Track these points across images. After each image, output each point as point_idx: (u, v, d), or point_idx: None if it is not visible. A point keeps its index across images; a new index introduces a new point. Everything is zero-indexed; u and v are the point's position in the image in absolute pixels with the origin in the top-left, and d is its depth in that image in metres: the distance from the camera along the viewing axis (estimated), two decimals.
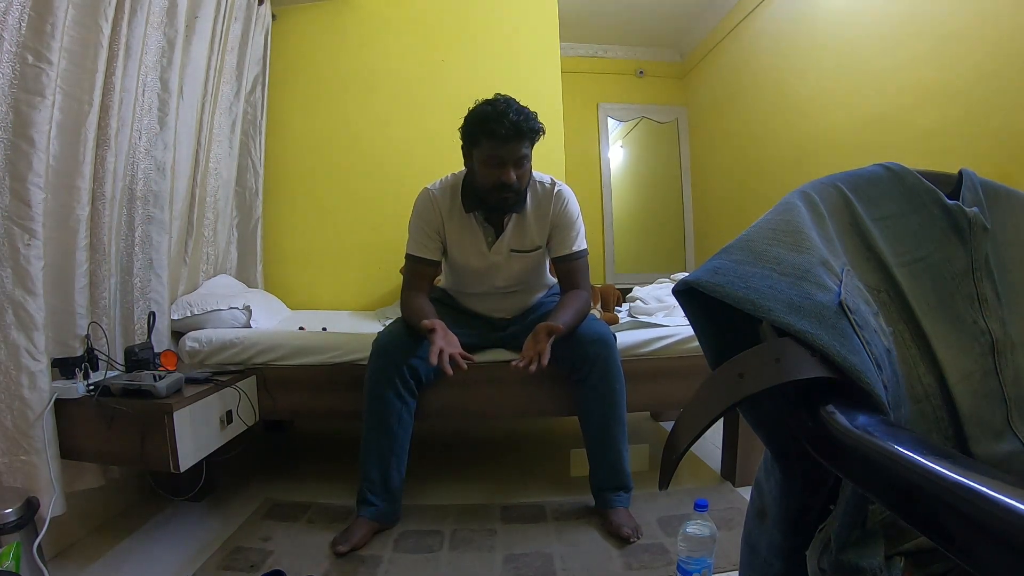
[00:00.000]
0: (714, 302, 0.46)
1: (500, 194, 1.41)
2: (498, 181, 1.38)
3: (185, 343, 1.65)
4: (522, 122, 1.34)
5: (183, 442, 1.24)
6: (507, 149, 1.36)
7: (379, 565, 1.30)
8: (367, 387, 1.43)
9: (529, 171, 1.44)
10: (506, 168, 1.38)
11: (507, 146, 1.36)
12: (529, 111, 1.38)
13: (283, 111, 2.56)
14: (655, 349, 1.65)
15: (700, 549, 1.13)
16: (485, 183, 1.42)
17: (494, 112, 1.35)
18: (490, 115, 1.35)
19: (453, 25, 2.66)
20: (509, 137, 1.34)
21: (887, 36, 2.24)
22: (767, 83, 3.18)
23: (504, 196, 1.42)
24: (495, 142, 1.35)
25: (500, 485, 1.76)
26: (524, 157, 1.40)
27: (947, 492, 0.29)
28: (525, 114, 1.36)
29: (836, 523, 0.45)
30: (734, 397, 0.41)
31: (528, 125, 1.36)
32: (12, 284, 1.17)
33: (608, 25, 3.83)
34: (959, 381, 0.58)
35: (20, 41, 1.18)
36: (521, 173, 1.41)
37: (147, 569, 1.31)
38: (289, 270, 2.60)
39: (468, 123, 1.40)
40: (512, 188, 1.40)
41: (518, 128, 1.34)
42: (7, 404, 1.19)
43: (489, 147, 1.37)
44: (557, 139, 2.67)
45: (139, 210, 1.57)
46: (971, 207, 0.63)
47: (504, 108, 1.35)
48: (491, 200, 1.45)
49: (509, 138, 1.34)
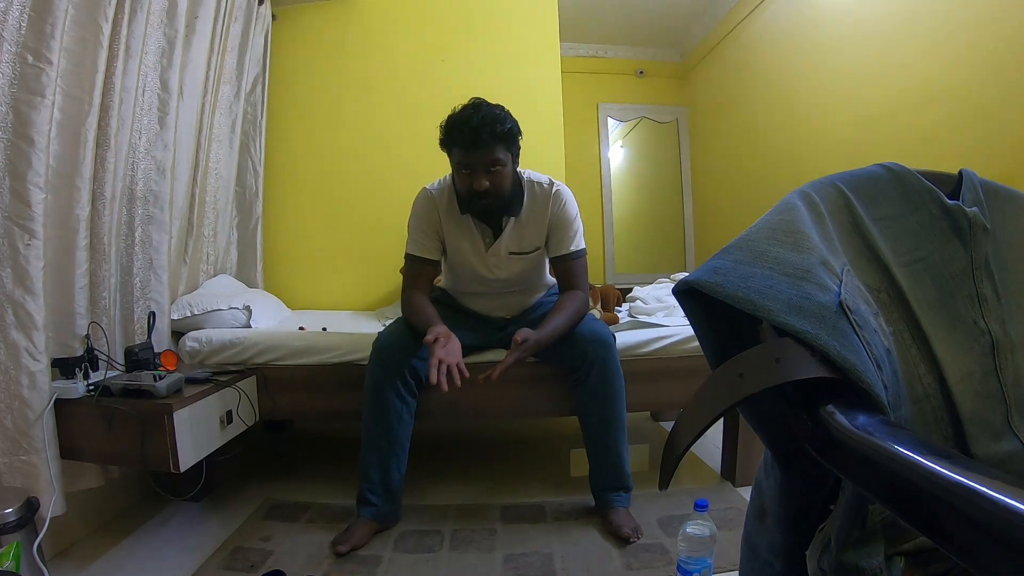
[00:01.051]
0: (714, 302, 0.46)
1: (477, 200, 1.39)
2: (470, 188, 1.36)
3: (185, 343, 1.65)
4: (484, 128, 1.30)
5: (183, 442, 1.24)
6: (474, 156, 1.33)
7: (379, 565, 1.30)
8: (367, 387, 1.43)
9: (508, 175, 1.40)
10: (477, 175, 1.35)
11: (474, 153, 1.33)
12: (500, 114, 1.34)
13: (283, 111, 2.56)
14: (655, 349, 1.65)
15: (700, 549, 1.13)
16: (461, 189, 1.41)
17: (459, 119, 1.33)
18: (455, 122, 1.33)
19: (453, 25, 2.66)
20: (471, 144, 1.31)
21: (887, 36, 2.24)
22: (767, 83, 3.18)
23: (482, 203, 1.39)
24: (460, 149, 1.34)
25: (500, 485, 1.76)
26: (496, 162, 1.35)
27: (947, 492, 0.29)
28: (492, 118, 1.31)
29: (836, 523, 0.45)
30: (734, 397, 0.41)
31: (491, 131, 1.31)
32: (12, 284, 1.17)
33: (608, 25, 3.83)
34: (959, 381, 0.58)
35: (20, 41, 1.18)
36: (496, 179, 1.36)
37: (147, 569, 1.31)
38: (289, 270, 2.60)
39: (440, 129, 1.38)
40: (488, 194, 1.36)
41: (477, 135, 1.30)
42: (7, 404, 1.19)
43: (458, 154, 1.36)
44: (557, 139, 2.67)
45: (139, 210, 1.57)
46: (971, 207, 0.63)
47: (469, 114, 1.32)
48: (472, 206, 1.43)
49: (471, 145, 1.32)
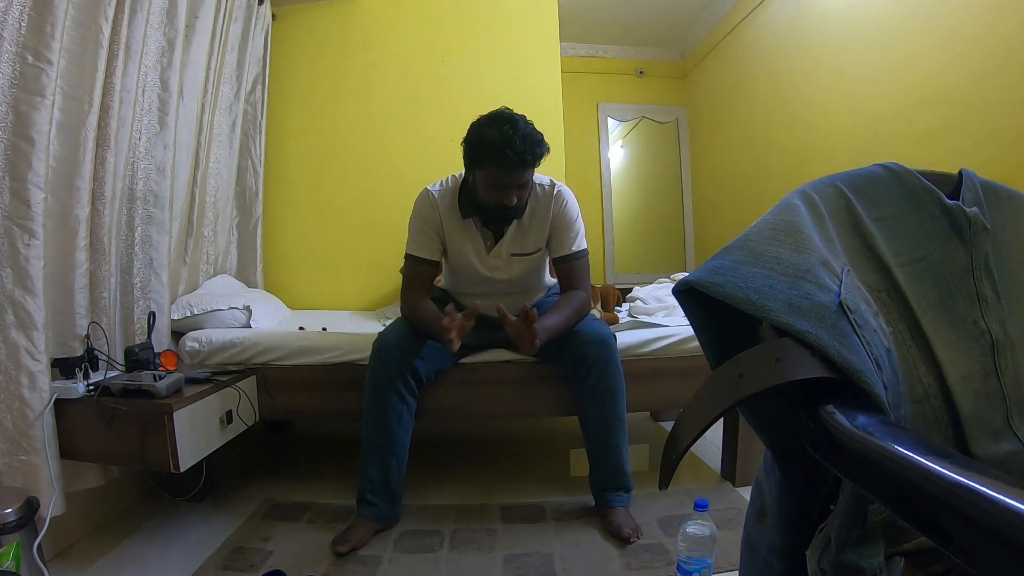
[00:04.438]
0: (714, 302, 0.46)
1: (501, 212, 1.41)
2: (500, 203, 1.37)
3: (185, 343, 1.65)
4: (527, 151, 1.29)
5: (183, 442, 1.24)
6: (512, 176, 1.34)
7: (379, 565, 1.30)
8: (367, 387, 1.43)
9: (530, 186, 1.42)
10: (509, 192, 1.36)
11: (512, 174, 1.33)
12: (535, 134, 1.33)
13: (283, 111, 2.56)
14: (655, 349, 1.65)
15: (700, 549, 1.13)
16: (486, 202, 1.40)
17: (500, 139, 1.28)
18: (495, 142, 1.28)
19: (453, 25, 2.66)
20: (515, 167, 1.31)
21: (887, 36, 2.24)
22: (767, 83, 3.18)
23: (506, 214, 1.42)
24: (499, 170, 1.32)
25: (500, 485, 1.76)
26: (527, 181, 1.38)
27: (947, 492, 0.29)
28: (531, 140, 1.31)
29: (836, 523, 0.45)
30: (734, 397, 0.41)
31: (533, 152, 1.31)
32: (12, 284, 1.17)
33: (608, 25, 3.83)
34: (959, 381, 0.58)
35: (20, 41, 1.18)
36: (523, 193, 1.39)
37: (147, 569, 1.31)
38: (289, 270, 2.60)
39: (472, 144, 1.35)
40: (516, 208, 1.40)
41: (523, 159, 1.30)
42: (7, 404, 1.19)
43: (492, 173, 1.34)
44: (557, 139, 2.67)
45: (139, 210, 1.57)
46: (971, 207, 0.63)
47: (511, 135, 1.28)
48: (495, 218, 1.45)
49: (515, 168, 1.31)
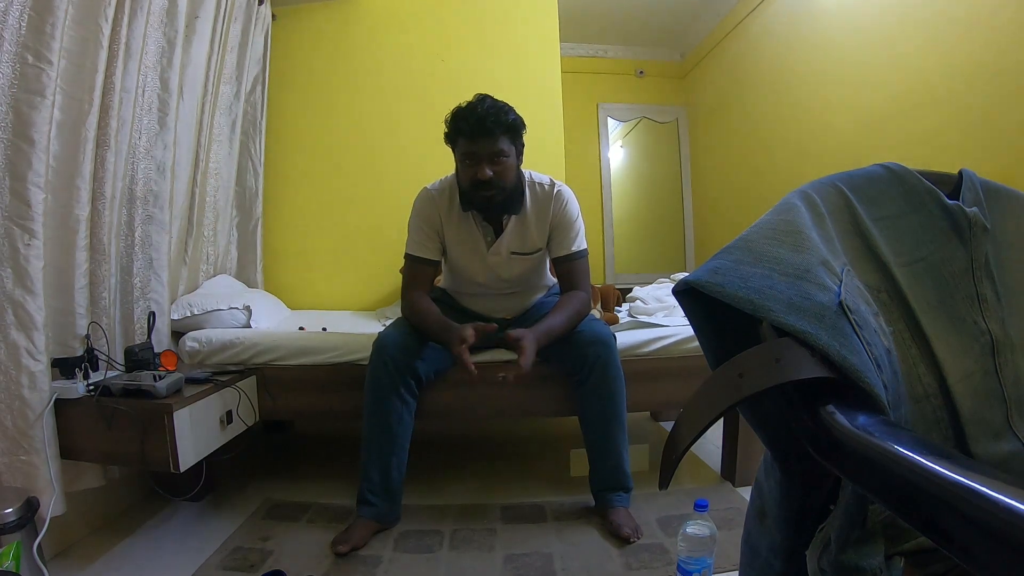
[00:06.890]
0: (714, 302, 0.46)
1: (480, 192, 1.40)
2: (474, 177, 1.38)
3: (185, 343, 1.65)
4: (489, 117, 1.33)
5: (183, 442, 1.24)
6: (479, 144, 1.36)
7: (379, 565, 1.30)
8: (367, 387, 1.43)
9: (512, 168, 1.42)
10: (480, 164, 1.37)
11: (478, 141, 1.36)
12: (503, 105, 1.38)
13: (283, 111, 2.56)
14: (655, 349, 1.65)
15: (700, 549, 1.13)
16: (464, 181, 1.42)
17: (464, 109, 1.36)
18: (460, 112, 1.37)
19: (453, 25, 2.66)
20: (476, 133, 1.34)
21: (887, 36, 2.24)
22: (767, 83, 3.18)
23: (485, 194, 1.40)
24: (466, 139, 1.37)
25: (500, 485, 1.76)
26: (500, 152, 1.38)
27: (947, 492, 0.29)
28: (497, 108, 1.36)
29: (836, 523, 0.45)
30: (734, 397, 0.41)
31: (496, 120, 1.34)
32: (12, 284, 1.17)
33: (608, 25, 3.83)
34: (959, 381, 0.58)
35: (20, 41, 1.18)
36: (500, 169, 1.39)
37: (147, 569, 1.31)
38: (289, 270, 2.60)
39: (446, 123, 1.41)
40: (492, 185, 1.38)
41: (482, 124, 1.33)
42: (7, 404, 1.19)
43: (463, 144, 1.38)
44: (557, 139, 2.67)
45: (139, 210, 1.57)
46: (971, 207, 0.63)
47: (474, 104, 1.35)
48: (475, 200, 1.43)
49: (476, 134, 1.35)
